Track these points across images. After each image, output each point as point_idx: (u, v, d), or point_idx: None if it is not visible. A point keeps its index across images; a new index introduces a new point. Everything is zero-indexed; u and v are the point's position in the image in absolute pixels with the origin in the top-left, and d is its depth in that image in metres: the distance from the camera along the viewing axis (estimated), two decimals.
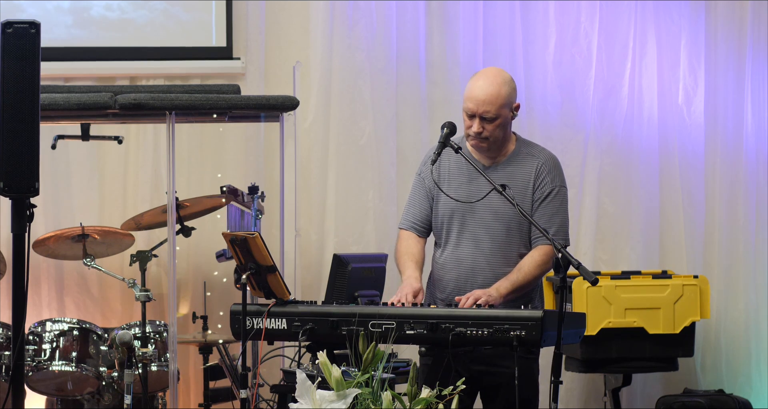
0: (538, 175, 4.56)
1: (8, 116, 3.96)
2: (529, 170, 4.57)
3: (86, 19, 6.91)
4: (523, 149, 4.61)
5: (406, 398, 3.53)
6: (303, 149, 6.88)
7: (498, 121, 4.47)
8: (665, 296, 6.40)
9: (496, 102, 4.46)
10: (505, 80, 4.50)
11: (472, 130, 4.49)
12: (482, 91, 4.47)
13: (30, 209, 4.03)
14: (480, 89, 4.48)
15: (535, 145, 4.68)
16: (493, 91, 4.46)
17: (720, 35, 7.12)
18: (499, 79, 4.49)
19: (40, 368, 6.12)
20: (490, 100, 4.45)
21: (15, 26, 3.96)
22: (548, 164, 4.59)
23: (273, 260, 4.40)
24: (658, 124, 7.09)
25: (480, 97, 4.46)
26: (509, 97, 4.50)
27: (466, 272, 4.53)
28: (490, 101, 4.46)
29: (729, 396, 6.63)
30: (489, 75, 4.53)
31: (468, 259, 4.56)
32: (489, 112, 4.46)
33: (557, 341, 3.99)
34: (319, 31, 6.95)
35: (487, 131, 4.48)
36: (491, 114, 4.46)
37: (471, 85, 4.51)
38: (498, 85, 4.47)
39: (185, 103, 5.86)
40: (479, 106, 4.46)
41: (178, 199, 6.16)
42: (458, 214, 4.57)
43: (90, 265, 6.22)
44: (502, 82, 4.48)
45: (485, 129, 4.48)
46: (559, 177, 4.62)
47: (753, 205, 7.07)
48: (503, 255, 4.52)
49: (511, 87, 4.51)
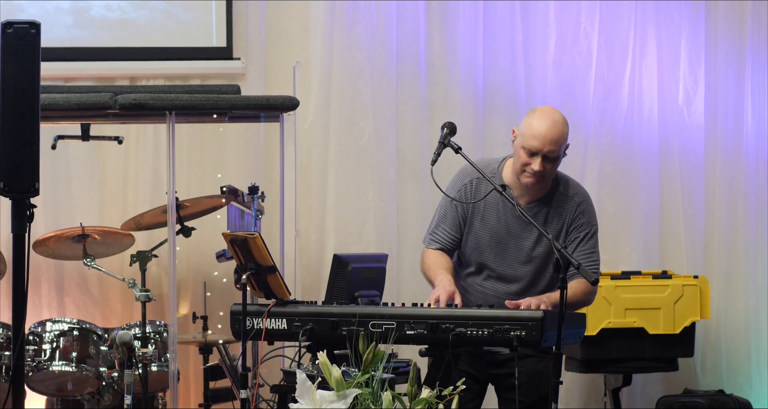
0: (576, 216, 4.63)
1: (8, 116, 3.96)
2: (566, 211, 4.63)
3: (86, 20, 6.91)
4: (561, 187, 4.66)
5: (406, 398, 3.53)
6: (303, 149, 6.88)
7: (558, 161, 4.55)
8: (665, 296, 6.40)
9: (560, 142, 4.50)
10: (565, 121, 4.56)
11: (533, 169, 4.50)
12: (550, 131, 4.49)
13: (30, 209, 4.03)
14: (548, 129, 4.49)
15: (569, 180, 4.72)
16: (559, 131, 4.50)
17: (720, 35, 7.13)
18: (562, 120, 4.53)
19: (40, 368, 6.12)
20: (556, 140, 4.49)
21: (15, 26, 3.97)
22: (583, 205, 4.65)
23: (273, 260, 4.40)
24: (658, 124, 7.10)
25: (548, 137, 4.48)
26: (566, 139, 4.55)
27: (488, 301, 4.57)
28: (556, 141, 4.49)
29: (729, 396, 6.63)
30: (554, 116, 4.54)
31: (491, 290, 4.64)
32: (554, 151, 4.49)
33: (557, 341, 3.99)
34: (319, 31, 6.95)
35: (547, 170, 4.53)
36: (555, 154, 4.50)
37: (536, 123, 4.50)
38: (562, 126, 4.52)
39: (185, 103, 5.86)
40: (545, 145, 4.48)
41: (178, 200, 6.16)
42: (492, 249, 4.62)
43: (90, 265, 6.22)
44: (563, 123, 4.53)
45: (545, 168, 4.52)
46: (594, 217, 4.70)
47: (753, 205, 7.07)
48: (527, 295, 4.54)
49: (568, 128, 4.57)
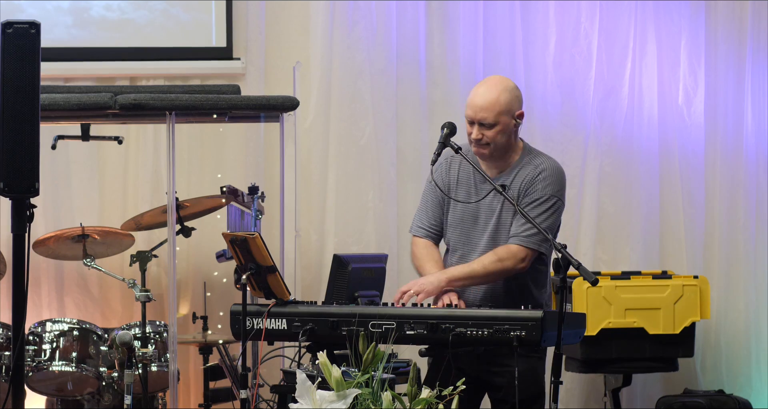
0: (532, 182, 4.52)
1: (8, 116, 3.96)
2: (526, 178, 4.54)
3: (86, 20, 6.91)
4: (526, 158, 4.58)
5: (406, 398, 3.53)
6: (303, 149, 6.88)
7: (497, 127, 4.46)
8: (665, 296, 6.40)
9: (493, 108, 4.45)
10: (506, 87, 4.50)
11: (472, 137, 4.50)
12: (481, 97, 4.48)
13: (30, 209, 4.03)
14: (479, 96, 4.49)
15: (540, 154, 4.63)
16: (491, 97, 4.46)
17: (720, 35, 7.12)
18: (500, 87, 4.49)
19: (40, 368, 6.12)
20: (487, 107, 4.46)
21: (15, 26, 3.97)
22: (546, 172, 4.54)
23: (273, 260, 4.40)
24: (658, 124, 7.09)
25: (478, 104, 4.47)
26: (509, 104, 4.48)
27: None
28: (488, 108, 4.46)
29: (729, 396, 6.63)
30: (489, 82, 4.54)
31: None
32: (486, 118, 4.46)
33: (557, 341, 3.99)
34: (319, 31, 6.95)
35: (487, 138, 4.48)
36: (489, 120, 4.46)
37: (472, 92, 4.52)
38: (497, 92, 4.47)
39: (185, 103, 5.86)
40: (477, 113, 4.47)
41: (178, 200, 6.16)
42: (466, 223, 4.58)
43: (90, 265, 6.22)
44: (502, 90, 4.48)
45: (485, 136, 4.48)
46: (554, 187, 4.55)
47: (753, 205, 7.06)
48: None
49: (512, 94, 4.50)
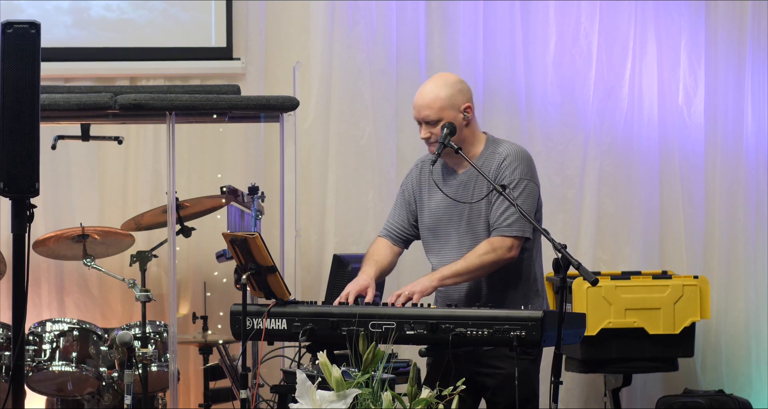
0: (498, 170, 4.45)
1: (8, 116, 3.96)
2: (492, 167, 4.46)
3: (85, 20, 6.91)
4: (490, 149, 4.50)
5: (406, 398, 3.53)
6: (303, 149, 6.88)
7: (443, 123, 4.42)
8: (665, 296, 6.40)
9: (434, 105, 4.42)
10: (446, 83, 4.45)
11: (421, 137, 4.48)
12: (420, 96, 4.46)
13: (30, 209, 4.03)
14: (419, 95, 4.46)
15: (502, 142, 4.55)
16: (431, 94, 4.43)
17: (720, 35, 7.12)
18: (439, 83, 4.45)
19: (40, 368, 6.12)
20: (428, 104, 4.42)
21: (15, 26, 3.97)
22: (510, 158, 4.44)
23: (273, 260, 4.40)
24: (658, 124, 7.10)
25: (418, 102, 4.45)
26: (451, 99, 4.43)
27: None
28: (428, 105, 4.42)
29: (729, 396, 6.63)
30: (430, 81, 4.50)
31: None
32: (429, 116, 4.43)
33: (557, 341, 3.99)
34: (319, 31, 6.95)
35: (435, 135, 4.44)
36: (432, 117, 4.43)
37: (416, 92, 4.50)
38: (437, 89, 4.43)
39: (185, 103, 5.85)
40: (420, 111, 4.45)
41: (178, 200, 6.16)
42: (440, 225, 4.55)
43: (90, 265, 6.22)
44: (442, 85, 4.44)
45: (432, 133, 4.45)
46: (522, 170, 4.45)
47: (753, 205, 7.07)
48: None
49: (454, 89, 4.45)
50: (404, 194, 4.66)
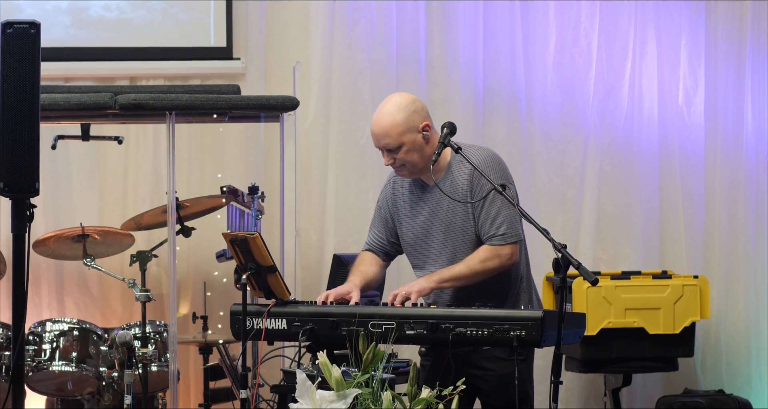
0: (473, 178, 4.41)
1: (8, 116, 3.96)
2: (464, 177, 4.43)
3: (85, 20, 6.91)
4: (457, 157, 4.41)
5: (406, 398, 3.53)
6: (303, 149, 6.88)
7: (405, 148, 4.38)
8: (665, 296, 6.40)
9: (392, 132, 4.37)
10: (399, 107, 4.38)
11: (385, 164, 4.46)
12: (376, 124, 4.41)
13: (30, 209, 4.03)
14: (375, 124, 4.41)
15: (470, 147, 4.47)
16: (387, 122, 4.37)
17: (720, 35, 7.12)
18: (392, 109, 4.39)
19: (40, 368, 6.12)
20: (385, 132, 4.38)
21: (15, 26, 3.97)
22: (481, 165, 4.38)
23: (273, 260, 4.40)
24: (658, 124, 7.09)
25: (376, 132, 4.41)
26: (407, 122, 4.37)
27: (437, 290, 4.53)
28: (386, 133, 4.37)
29: (729, 396, 6.63)
30: (382, 107, 4.42)
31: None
32: (390, 143, 4.39)
33: (557, 341, 3.99)
34: (319, 31, 6.95)
35: (400, 160, 4.41)
36: (393, 145, 4.38)
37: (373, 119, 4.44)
38: (391, 115, 4.38)
39: (185, 103, 5.86)
40: (379, 140, 4.41)
41: (178, 200, 6.16)
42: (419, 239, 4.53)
43: (90, 265, 6.22)
44: (395, 111, 4.38)
45: (396, 159, 4.41)
46: (498, 172, 4.41)
47: (753, 205, 7.07)
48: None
49: (408, 111, 4.38)
50: (381, 211, 4.64)
